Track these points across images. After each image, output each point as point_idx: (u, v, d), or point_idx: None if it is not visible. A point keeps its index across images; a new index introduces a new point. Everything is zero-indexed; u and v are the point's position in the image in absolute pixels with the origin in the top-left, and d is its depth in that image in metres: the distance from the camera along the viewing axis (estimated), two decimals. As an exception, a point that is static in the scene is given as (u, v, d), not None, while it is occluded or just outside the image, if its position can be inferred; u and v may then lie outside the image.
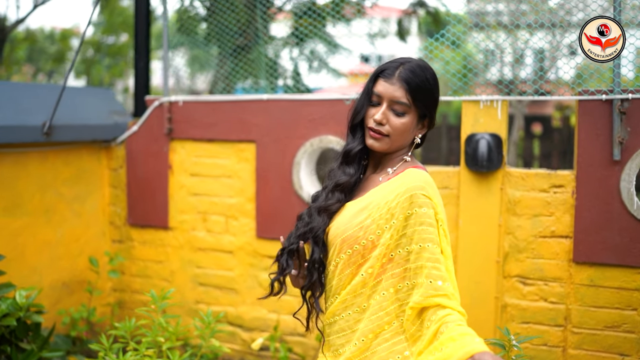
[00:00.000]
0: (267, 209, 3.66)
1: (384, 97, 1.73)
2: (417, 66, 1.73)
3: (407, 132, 1.74)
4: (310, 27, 5.47)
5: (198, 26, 6.33)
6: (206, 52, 7.06)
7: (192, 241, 3.88)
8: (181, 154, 3.88)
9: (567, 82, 4.50)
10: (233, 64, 4.84)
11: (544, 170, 3.11)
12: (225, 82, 4.81)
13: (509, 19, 3.34)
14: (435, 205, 1.64)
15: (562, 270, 3.08)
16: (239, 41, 5.14)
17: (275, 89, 5.54)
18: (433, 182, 1.71)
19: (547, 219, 3.09)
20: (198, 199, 3.86)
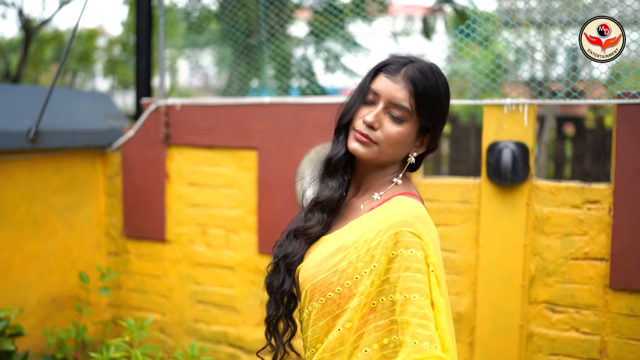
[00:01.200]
0: (270, 222, 3.36)
1: (381, 96, 1.43)
2: (429, 68, 1.44)
3: (401, 144, 1.44)
4: (330, 24, 5.16)
5: (208, 24, 6.08)
6: (222, 52, 6.82)
7: (191, 255, 3.60)
8: (179, 161, 3.60)
9: (601, 81, 4.19)
10: (246, 64, 4.56)
11: (577, 183, 2.74)
12: (242, 82, 4.54)
13: (541, 16, 3.01)
14: (426, 246, 1.31)
15: (596, 297, 2.71)
16: (253, 40, 4.86)
17: (288, 89, 5.25)
18: (426, 214, 1.40)
19: (580, 238, 2.72)
20: (197, 210, 3.58)
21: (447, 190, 2.95)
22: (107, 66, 18.84)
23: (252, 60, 4.75)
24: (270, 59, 5.10)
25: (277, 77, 5.05)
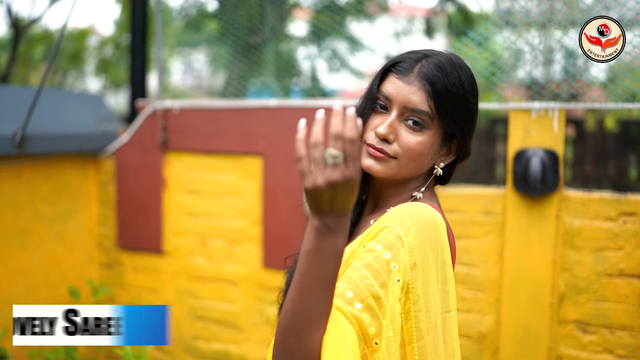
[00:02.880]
0: (276, 233, 3.14)
1: (394, 102, 1.21)
2: (448, 62, 1.22)
3: (423, 156, 1.22)
4: (332, 23, 4.95)
5: (207, 23, 5.86)
6: (220, 51, 6.61)
7: (190, 268, 3.37)
8: (177, 167, 3.37)
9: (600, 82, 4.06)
10: (245, 64, 4.34)
11: (611, 194, 2.53)
12: (239, 83, 4.32)
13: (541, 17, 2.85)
14: (406, 249, 1.10)
15: (632, 317, 2.50)
16: (252, 39, 4.64)
17: (289, 91, 5.04)
18: (432, 219, 1.15)
19: (614, 254, 2.51)
20: (196, 220, 3.34)
21: (468, 200, 2.73)
22: (98, 66, 18.57)
23: (251, 61, 4.53)
24: (272, 59, 4.88)
25: (279, 78, 4.83)
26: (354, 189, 0.98)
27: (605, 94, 3.22)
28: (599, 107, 2.53)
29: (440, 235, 1.14)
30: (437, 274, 1.12)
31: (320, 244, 1.00)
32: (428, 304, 1.10)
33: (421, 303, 1.10)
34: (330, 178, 0.95)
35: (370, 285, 1.08)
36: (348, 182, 0.96)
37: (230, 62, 5.11)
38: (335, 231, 1.00)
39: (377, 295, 1.08)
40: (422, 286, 1.10)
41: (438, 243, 1.13)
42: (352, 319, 1.06)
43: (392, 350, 1.08)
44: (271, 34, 4.84)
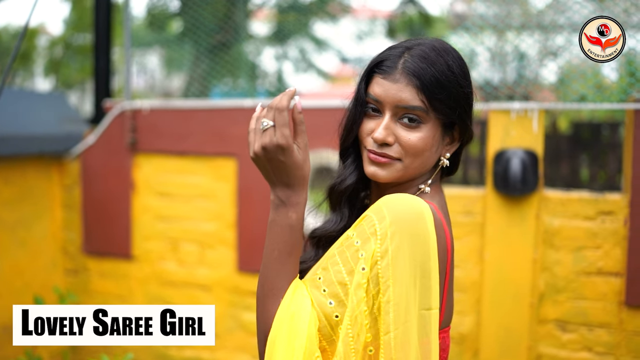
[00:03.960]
0: (251, 237, 3.07)
1: (385, 103, 1.17)
2: (432, 49, 1.17)
3: (427, 151, 1.18)
4: (296, 23, 4.90)
5: (169, 22, 5.73)
6: (180, 51, 6.48)
7: (160, 274, 3.27)
8: (147, 170, 3.26)
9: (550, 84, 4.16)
10: (208, 65, 4.24)
11: (590, 193, 2.56)
12: (201, 84, 4.22)
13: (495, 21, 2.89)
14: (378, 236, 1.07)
15: (610, 315, 2.53)
16: (217, 38, 4.54)
17: (255, 92, 4.97)
18: (416, 211, 1.09)
19: (593, 252, 2.54)
20: (167, 223, 3.24)
21: (448, 201, 2.70)
22: (48, 66, 18.05)
23: (214, 62, 4.43)
24: (236, 60, 4.80)
25: (245, 79, 4.75)
26: (285, 155, 1.10)
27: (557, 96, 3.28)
28: (577, 107, 2.56)
29: (422, 227, 1.08)
30: (413, 267, 1.06)
31: (274, 216, 1.14)
32: (398, 297, 1.05)
33: (390, 294, 1.04)
34: (262, 142, 1.10)
35: (338, 272, 1.09)
36: (277, 147, 1.09)
37: (193, 63, 5.01)
38: (286, 204, 1.13)
39: (344, 282, 1.08)
40: (393, 277, 1.05)
41: (418, 235, 1.07)
42: (316, 304, 1.09)
43: (349, 339, 1.06)
44: (237, 33, 4.76)
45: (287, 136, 1.10)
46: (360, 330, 1.06)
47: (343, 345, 1.06)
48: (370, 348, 1.07)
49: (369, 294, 1.06)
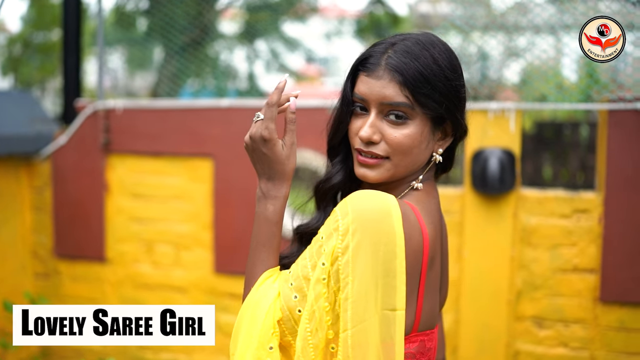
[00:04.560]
0: (228, 238, 3.04)
1: (370, 101, 1.15)
2: (416, 43, 1.15)
3: (416, 147, 1.15)
4: (265, 23, 4.87)
5: (137, 20, 5.64)
6: (146, 50, 6.39)
7: (135, 276, 3.21)
8: (120, 171, 3.20)
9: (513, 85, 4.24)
10: (183, 64, 4.19)
11: (565, 192, 2.61)
12: (171, 84, 4.16)
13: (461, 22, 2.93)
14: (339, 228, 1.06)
15: (586, 311, 2.58)
16: (187, 37, 4.49)
17: (225, 92, 4.93)
18: (382, 208, 1.06)
19: (569, 250, 2.59)
20: (142, 225, 3.19)
21: (427, 200, 2.74)
22: (6, 64, 17.56)
23: (187, 60, 4.38)
24: (207, 59, 4.76)
25: (216, 78, 4.71)
26: (267, 147, 1.16)
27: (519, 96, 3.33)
28: (554, 107, 2.60)
29: (386, 225, 1.04)
30: (374, 265, 1.03)
31: (257, 208, 1.19)
32: (357, 294, 1.02)
33: (348, 291, 1.02)
34: (250, 132, 1.19)
35: (304, 267, 1.09)
36: (261, 138, 1.16)
37: (164, 62, 4.94)
38: (267, 197, 1.18)
39: (308, 277, 1.08)
40: (352, 273, 1.02)
41: (381, 233, 1.04)
42: (282, 296, 1.10)
43: (307, 335, 1.05)
44: (207, 33, 4.72)
45: (271, 130, 1.16)
46: (319, 326, 1.05)
47: (301, 340, 1.06)
48: (332, 345, 1.07)
49: (330, 290, 1.05)
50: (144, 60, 8.36)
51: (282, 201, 1.20)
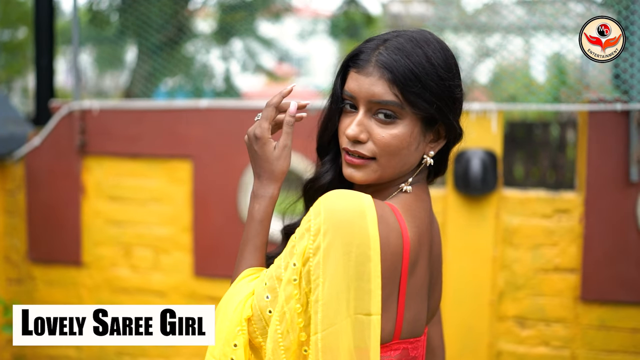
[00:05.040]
0: (208, 241, 2.99)
1: (359, 98, 1.11)
2: (409, 40, 1.10)
3: (404, 149, 1.11)
4: (239, 22, 4.82)
5: (110, 19, 5.54)
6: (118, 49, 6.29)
7: (112, 280, 3.15)
8: (97, 173, 3.14)
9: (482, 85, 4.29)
10: (155, 62, 4.12)
11: (546, 193, 2.63)
12: (145, 84, 4.10)
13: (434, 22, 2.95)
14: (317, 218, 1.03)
15: (566, 310, 2.61)
16: (162, 36, 4.42)
17: (202, 92, 4.87)
18: (356, 208, 1.03)
19: (550, 250, 2.61)
20: (119, 228, 3.13)
21: (409, 201, 2.74)
22: (-31, 64, 17.16)
23: (166, 60, 4.32)
24: (181, 59, 4.70)
25: (191, 79, 4.65)
26: (258, 145, 1.17)
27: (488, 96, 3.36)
28: (536, 108, 2.62)
29: (360, 226, 1.01)
30: (346, 267, 0.99)
31: (249, 208, 1.20)
32: (327, 297, 0.99)
33: (319, 293, 0.99)
34: (248, 130, 1.20)
35: (277, 267, 1.06)
36: (254, 136, 1.18)
37: (138, 61, 4.86)
38: (257, 197, 1.19)
39: (280, 277, 1.05)
40: (323, 275, 0.99)
41: (354, 234, 1.00)
42: (255, 295, 1.08)
43: (277, 336, 1.03)
44: (182, 32, 4.66)
45: (264, 128, 1.17)
46: (290, 328, 1.02)
47: (271, 342, 1.03)
48: (305, 348, 1.04)
49: (301, 292, 1.02)
50: (114, 60, 8.23)
51: (268, 201, 1.19)
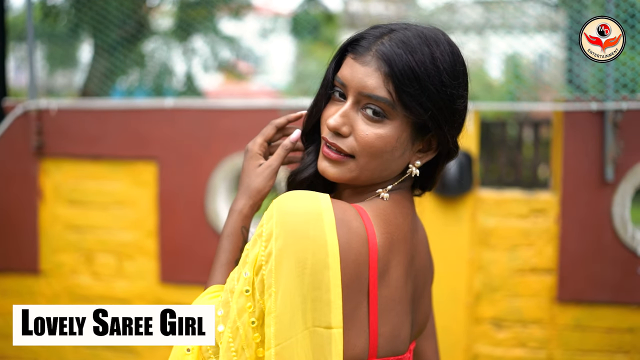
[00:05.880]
0: (174, 245, 2.88)
1: (349, 87, 1.00)
2: (417, 35, 0.99)
3: (387, 152, 0.99)
4: (199, 19, 4.70)
5: (63, 15, 5.33)
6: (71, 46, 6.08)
7: (73, 288, 3.00)
8: (56, 176, 2.98)
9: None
10: (114, 59, 3.96)
11: (522, 193, 2.61)
12: (102, 82, 3.94)
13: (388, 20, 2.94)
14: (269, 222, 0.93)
15: (543, 311, 2.60)
16: (120, 33, 4.25)
17: (162, 91, 4.73)
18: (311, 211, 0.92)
19: (526, 250, 2.59)
20: (80, 234, 2.98)
21: (384, 203, 2.68)
22: None
23: (115, 59, 4.14)
24: (140, 57, 4.55)
25: (151, 77, 4.50)
26: (245, 157, 1.16)
27: None
28: (509, 108, 2.60)
29: (317, 229, 0.91)
30: (301, 274, 0.89)
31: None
32: (281, 307, 0.89)
33: (271, 304, 0.89)
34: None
35: (231, 279, 0.97)
36: (246, 147, 1.17)
37: (96, 57, 4.68)
38: (229, 211, 1.14)
39: (233, 289, 0.95)
40: (276, 284, 0.89)
41: (308, 238, 0.90)
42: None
43: (231, 354, 0.93)
44: (141, 29, 4.51)
45: (257, 143, 1.16)
46: (245, 344, 0.92)
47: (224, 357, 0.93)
48: None
49: (256, 304, 0.92)
50: (67, 57, 7.97)
51: (237, 215, 1.12)
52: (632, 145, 2.43)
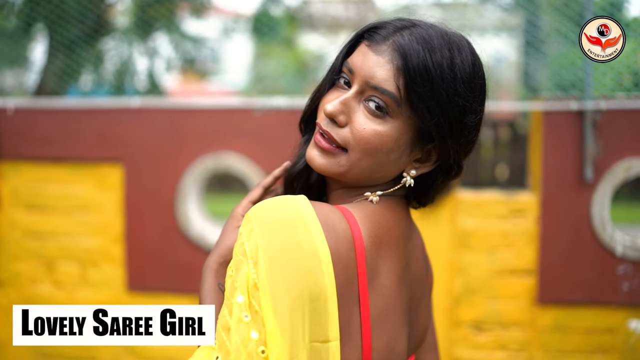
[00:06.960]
0: (142, 251, 2.75)
1: (356, 75, 0.92)
2: (442, 37, 0.92)
3: (382, 153, 0.91)
4: (159, 18, 4.56)
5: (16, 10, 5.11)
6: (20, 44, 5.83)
7: (33, 299, 2.84)
8: (13, 179, 2.81)
9: None
10: (72, 58, 3.79)
11: (501, 194, 2.57)
12: (58, 82, 3.77)
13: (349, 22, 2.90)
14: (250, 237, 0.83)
15: (523, 312, 2.57)
16: (78, 29, 4.08)
17: (124, 91, 4.57)
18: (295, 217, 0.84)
19: (506, 252, 2.56)
20: (40, 241, 2.82)
21: (362, 205, 2.61)
22: None
23: (71, 58, 3.97)
24: (99, 55, 4.38)
25: (111, 76, 4.34)
26: (229, 217, 1.08)
27: None
28: (500, 109, 2.56)
29: (306, 237, 0.83)
30: (295, 286, 0.81)
31: None
32: (281, 326, 0.80)
33: (270, 325, 0.79)
34: None
35: (222, 317, 0.84)
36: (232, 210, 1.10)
37: (48, 58, 4.49)
38: (204, 269, 1.05)
39: (227, 326, 0.82)
40: (272, 303, 0.80)
41: (299, 246, 0.82)
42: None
43: None
44: (100, 26, 4.34)
45: (240, 204, 1.09)
46: None
47: None
48: None
49: (258, 329, 0.81)
50: (17, 56, 7.65)
51: (208, 272, 1.02)
52: (611, 145, 2.42)
